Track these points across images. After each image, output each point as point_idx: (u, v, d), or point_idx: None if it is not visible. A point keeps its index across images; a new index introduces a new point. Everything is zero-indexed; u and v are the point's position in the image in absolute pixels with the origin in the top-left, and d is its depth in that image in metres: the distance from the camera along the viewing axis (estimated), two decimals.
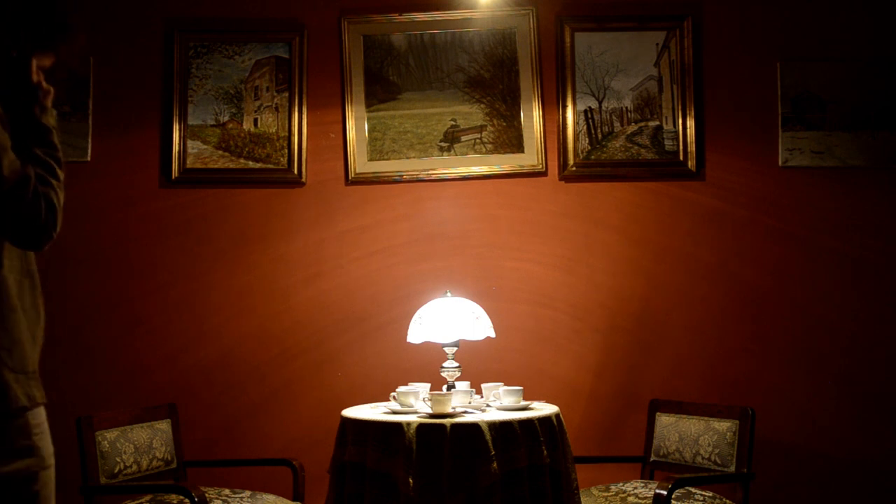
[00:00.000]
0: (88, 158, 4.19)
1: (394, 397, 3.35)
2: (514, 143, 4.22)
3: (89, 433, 3.30)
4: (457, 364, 3.47)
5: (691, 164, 4.17)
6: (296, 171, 4.20)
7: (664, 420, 3.73)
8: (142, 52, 4.25)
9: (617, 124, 4.22)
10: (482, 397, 3.42)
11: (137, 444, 3.47)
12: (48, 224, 1.89)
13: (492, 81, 4.25)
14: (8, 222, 1.86)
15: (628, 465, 3.81)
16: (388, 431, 3.08)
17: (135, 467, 3.44)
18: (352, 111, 4.22)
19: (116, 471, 3.36)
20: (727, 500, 3.35)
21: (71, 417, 3.39)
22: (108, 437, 3.36)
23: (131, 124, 4.22)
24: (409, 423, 3.05)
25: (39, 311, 2.00)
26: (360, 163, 4.21)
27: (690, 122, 4.17)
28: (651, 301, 4.17)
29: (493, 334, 3.54)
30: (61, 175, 1.98)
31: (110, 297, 4.16)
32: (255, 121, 4.24)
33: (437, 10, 4.23)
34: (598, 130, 4.22)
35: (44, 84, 2.02)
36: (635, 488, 3.45)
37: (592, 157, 4.21)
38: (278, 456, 3.89)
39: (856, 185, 4.16)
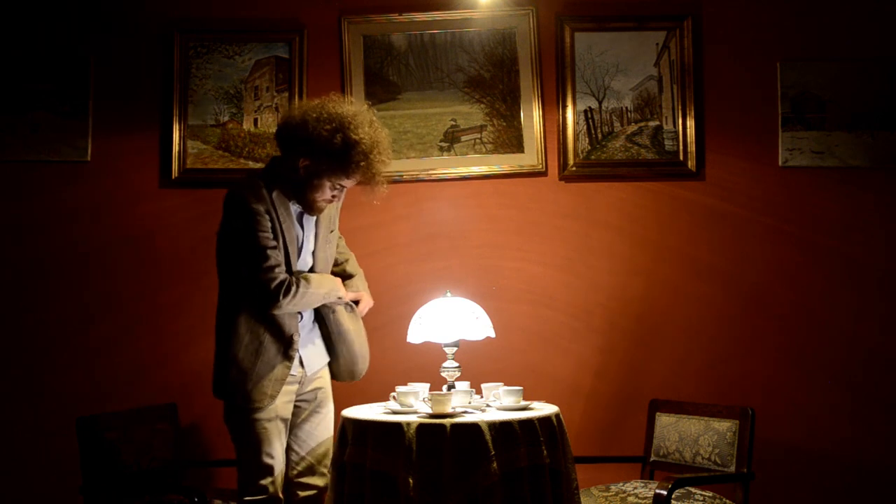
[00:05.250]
0: (88, 158, 4.18)
1: (394, 397, 3.35)
2: (513, 143, 4.22)
3: (89, 433, 3.30)
4: (457, 364, 3.47)
5: (691, 164, 4.17)
6: None
7: (664, 420, 3.73)
8: (142, 52, 4.25)
9: (617, 124, 4.22)
10: (482, 397, 3.42)
11: (137, 443, 3.47)
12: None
13: (492, 81, 4.24)
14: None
15: (628, 465, 3.81)
16: (387, 431, 3.08)
17: (135, 467, 3.44)
18: None
19: (116, 471, 3.36)
20: (727, 500, 3.35)
21: (71, 417, 3.39)
22: (108, 437, 3.36)
23: (131, 124, 4.22)
24: (409, 423, 3.05)
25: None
26: None
27: (690, 122, 4.17)
28: (651, 301, 4.17)
29: (493, 334, 3.53)
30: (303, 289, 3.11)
31: (110, 297, 4.16)
32: (255, 121, 4.25)
33: (437, 10, 4.23)
34: (598, 130, 4.22)
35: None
36: (635, 488, 3.45)
37: (592, 157, 4.21)
38: None
39: (856, 185, 4.16)
